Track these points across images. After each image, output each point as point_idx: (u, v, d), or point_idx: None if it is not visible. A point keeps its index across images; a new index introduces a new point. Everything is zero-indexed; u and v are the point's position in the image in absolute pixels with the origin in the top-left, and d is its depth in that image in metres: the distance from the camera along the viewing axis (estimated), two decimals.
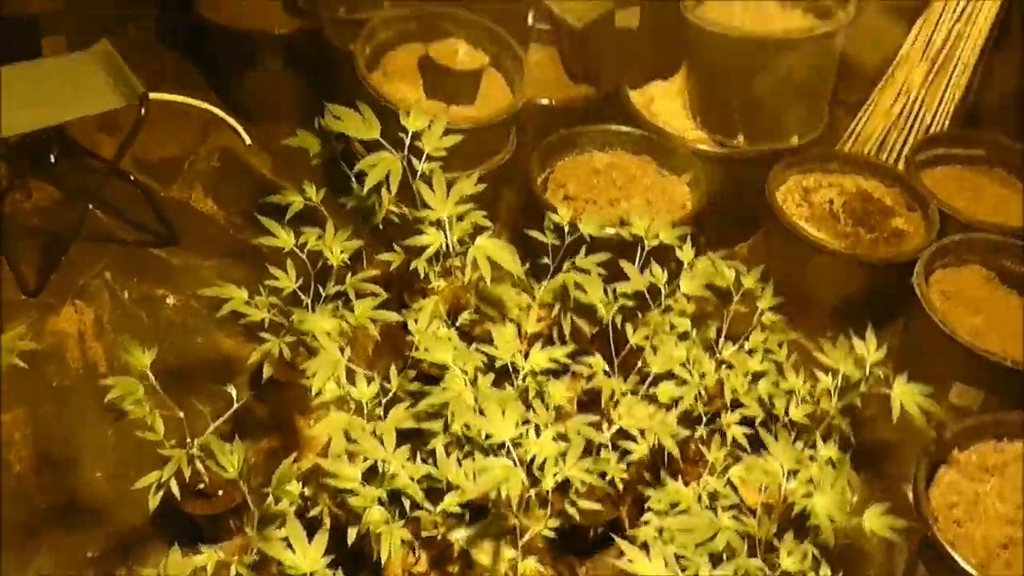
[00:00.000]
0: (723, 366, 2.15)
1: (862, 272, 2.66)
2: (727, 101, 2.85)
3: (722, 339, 2.22)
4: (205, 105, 3.39)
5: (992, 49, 2.97)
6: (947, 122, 3.03)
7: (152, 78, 2.82)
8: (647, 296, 2.15)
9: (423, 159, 2.15)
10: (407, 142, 2.13)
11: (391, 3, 3.16)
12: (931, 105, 3.01)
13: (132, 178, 2.96)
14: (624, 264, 2.16)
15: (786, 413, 2.06)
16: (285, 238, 2.16)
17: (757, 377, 2.13)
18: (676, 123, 2.96)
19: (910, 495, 2.10)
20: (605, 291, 2.16)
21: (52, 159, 2.98)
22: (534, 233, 2.32)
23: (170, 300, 2.79)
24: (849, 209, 2.81)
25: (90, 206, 2.87)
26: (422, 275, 2.24)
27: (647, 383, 2.08)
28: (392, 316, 2.05)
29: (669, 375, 2.08)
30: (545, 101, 3.00)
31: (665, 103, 3.02)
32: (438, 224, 2.15)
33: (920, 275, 2.52)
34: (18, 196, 3.03)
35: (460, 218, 2.18)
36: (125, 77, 2.68)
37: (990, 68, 3.01)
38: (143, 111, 2.62)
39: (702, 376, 2.08)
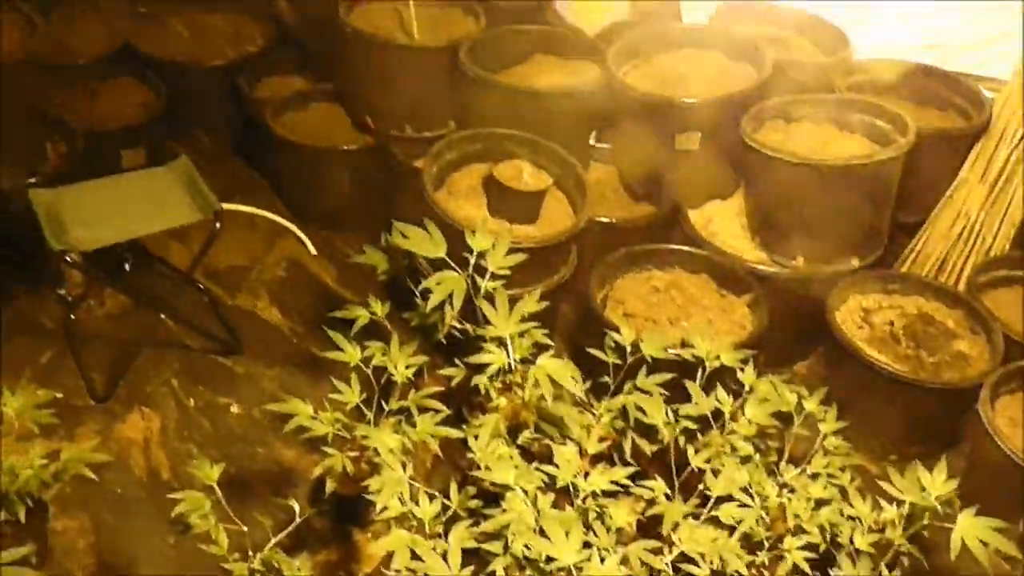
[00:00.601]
0: (785, 490, 2.14)
1: (925, 396, 2.64)
2: (786, 223, 2.89)
3: (784, 462, 2.21)
4: (273, 216, 3.54)
5: None
6: (1007, 245, 3.04)
7: (222, 187, 2.93)
8: (709, 418, 2.16)
9: (486, 277, 2.22)
10: (472, 261, 2.21)
11: (456, 123, 3.32)
12: (991, 227, 3.02)
13: (201, 287, 3.05)
14: (690, 386, 2.19)
15: (851, 541, 2.04)
16: (351, 352, 2.22)
17: (820, 503, 2.11)
18: (735, 243, 3.00)
19: None
20: (667, 412, 2.18)
21: (126, 268, 3.08)
22: (595, 352, 2.35)
23: (233, 409, 2.85)
24: (911, 331, 2.81)
25: (161, 316, 2.96)
26: (483, 391, 2.26)
27: (709, 506, 2.07)
28: (454, 433, 2.09)
29: (730, 498, 2.07)
30: (606, 219, 3.06)
31: (724, 223, 3.06)
32: (500, 342, 2.19)
33: (986, 401, 2.50)
34: (92, 304, 3.15)
35: (521, 335, 2.22)
36: (202, 192, 2.79)
37: None
38: (217, 225, 2.73)
39: (764, 500, 2.08)
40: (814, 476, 2.17)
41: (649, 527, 2.08)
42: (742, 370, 2.25)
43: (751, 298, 2.86)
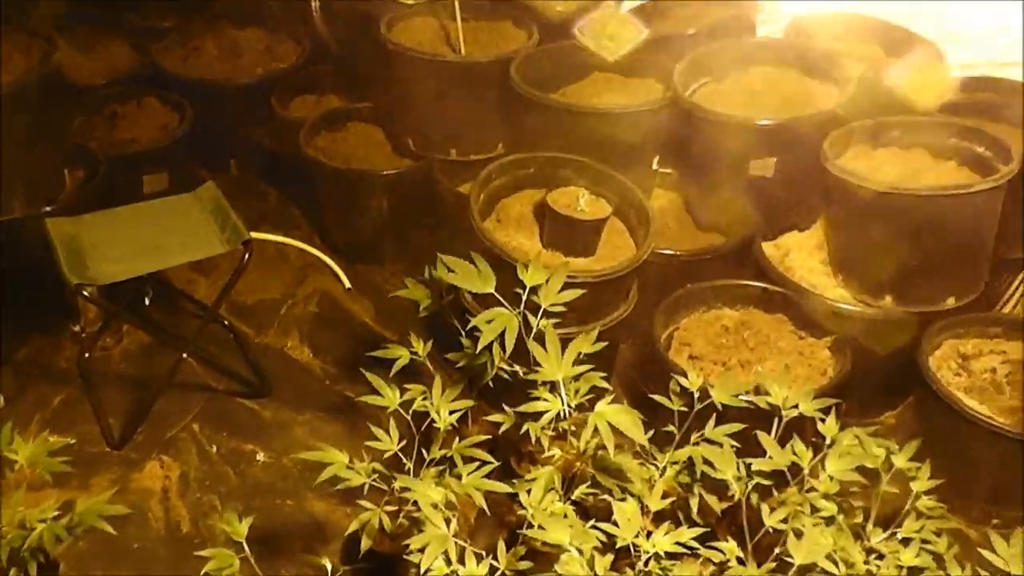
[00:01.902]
0: (872, 556, 2.12)
1: None
2: (873, 258, 2.87)
3: (870, 524, 2.19)
4: (305, 246, 3.60)
5: None
6: None
7: (251, 216, 2.98)
8: (785, 473, 2.15)
9: (539, 314, 2.24)
10: (523, 296, 2.24)
11: (506, 146, 3.36)
12: None
13: (226, 323, 3.11)
14: (764, 439, 2.18)
15: None
16: (390, 396, 2.25)
17: (913, 572, 2.09)
18: (815, 279, 2.98)
19: None
20: (738, 466, 2.18)
21: (146, 302, 3.15)
22: (658, 398, 2.36)
23: (260, 457, 2.89)
24: (1015, 380, 2.77)
25: (184, 355, 3.01)
26: (534, 440, 2.28)
27: (790, 575, 2.06)
28: (502, 487, 2.11)
29: (812, 565, 2.05)
30: (670, 251, 3.06)
31: (802, 257, 3.05)
32: (552, 386, 2.20)
33: None
34: (108, 340, 3.23)
35: (578, 378, 2.24)
36: (230, 221, 2.85)
37: None
38: (246, 257, 2.78)
39: (849, 566, 2.06)
40: (905, 541, 2.15)
41: None
42: (823, 420, 2.23)
43: (833, 341, 2.85)
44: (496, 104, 3.31)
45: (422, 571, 1.87)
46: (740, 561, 2.09)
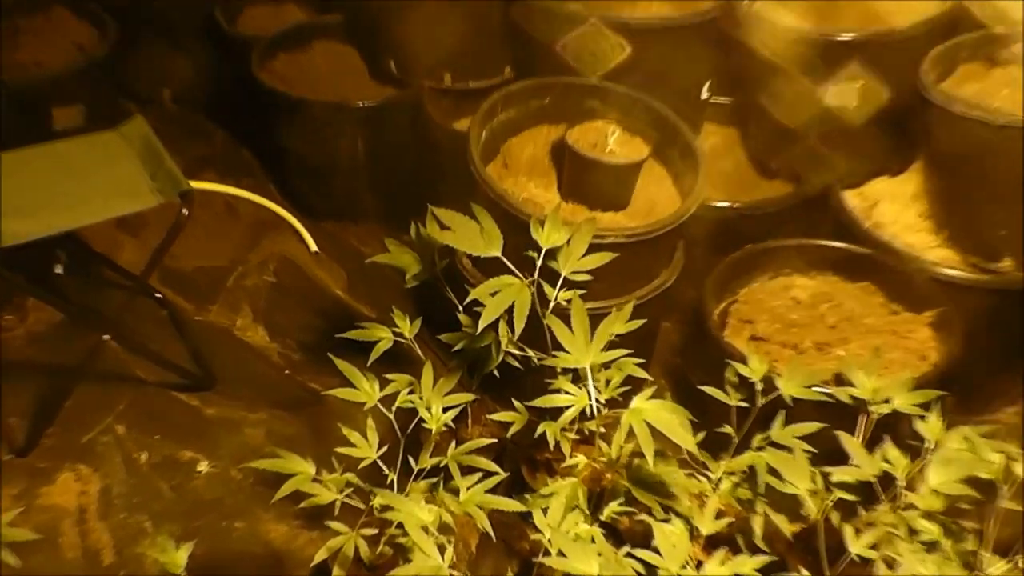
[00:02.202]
0: None
1: None
2: (987, 210, 2.86)
3: (987, 551, 2.16)
4: (259, 199, 3.58)
5: None
6: None
7: (191, 160, 2.95)
8: (875, 485, 2.13)
9: (558, 284, 2.21)
10: (538, 262, 2.20)
11: (514, 70, 3.33)
12: None
13: (159, 296, 3.04)
14: (847, 442, 2.14)
15: None
16: (367, 390, 2.23)
17: None
18: (911, 238, 2.97)
19: None
20: (814, 476, 2.14)
21: (58, 270, 3.11)
22: (711, 391, 2.33)
23: (202, 467, 2.87)
24: None
25: (104, 337, 2.98)
26: (552, 445, 2.26)
27: None
28: (513, 505, 2.09)
29: None
30: (725, 203, 3.06)
31: (895, 209, 3.04)
32: (576, 375, 2.18)
33: None
34: (9, 319, 3.22)
35: (607, 366, 2.22)
36: (164, 166, 2.81)
37: None
38: (184, 212, 2.74)
39: None
40: None
41: None
42: (923, 418, 2.21)
43: (936, 316, 2.84)
44: (502, 19, 3.29)
45: None
46: None
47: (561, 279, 2.22)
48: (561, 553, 1.91)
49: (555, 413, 2.18)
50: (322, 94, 3.55)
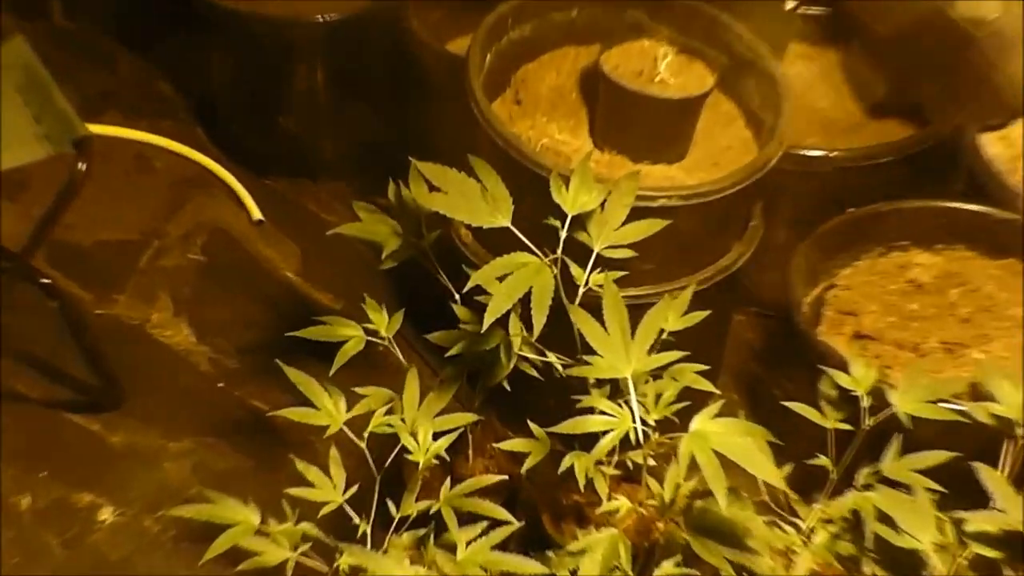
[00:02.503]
0: None
1: None
2: None
3: None
4: (183, 148, 3.55)
5: None
6: None
7: (90, 96, 2.93)
8: None
9: (590, 264, 2.15)
10: (562, 233, 2.13)
11: None
12: None
13: (46, 281, 3.00)
14: (986, 474, 2.06)
15: None
16: (330, 410, 2.17)
17: None
18: None
19: None
20: (941, 525, 2.09)
21: None
22: (800, 408, 2.26)
23: (104, 515, 2.84)
24: None
25: None
26: (582, 484, 2.19)
27: None
28: (531, 567, 2.01)
29: None
30: (818, 151, 3.01)
31: None
32: (616, 387, 2.12)
33: None
34: None
35: (658, 375, 2.18)
36: (53, 105, 2.78)
37: None
38: (81, 167, 2.68)
39: None
40: None
41: None
42: None
43: None
44: None
45: None
46: None
47: (593, 256, 2.16)
48: None
49: (587, 441, 2.11)
50: (271, 7, 3.48)
